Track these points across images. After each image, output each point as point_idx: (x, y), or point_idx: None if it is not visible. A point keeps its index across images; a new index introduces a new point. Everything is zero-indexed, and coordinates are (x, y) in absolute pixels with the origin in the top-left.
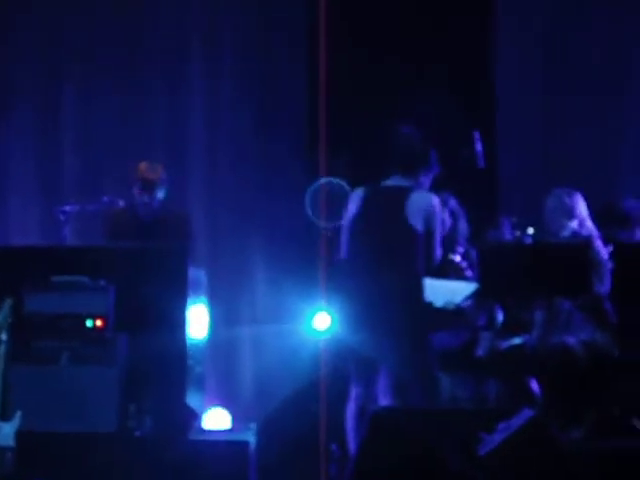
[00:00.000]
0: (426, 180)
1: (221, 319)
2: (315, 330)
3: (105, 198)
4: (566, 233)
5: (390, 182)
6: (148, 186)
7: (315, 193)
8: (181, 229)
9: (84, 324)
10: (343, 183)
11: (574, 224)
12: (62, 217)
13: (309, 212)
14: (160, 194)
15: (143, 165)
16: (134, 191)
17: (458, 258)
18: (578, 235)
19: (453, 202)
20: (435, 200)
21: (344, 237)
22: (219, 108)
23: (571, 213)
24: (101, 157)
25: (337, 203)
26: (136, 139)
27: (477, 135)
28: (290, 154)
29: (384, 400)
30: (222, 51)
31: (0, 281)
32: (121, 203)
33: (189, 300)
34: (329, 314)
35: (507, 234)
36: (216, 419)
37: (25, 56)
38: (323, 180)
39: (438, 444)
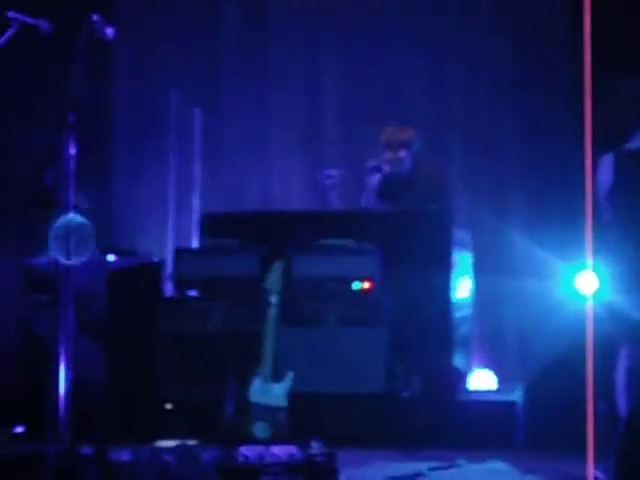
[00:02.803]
0: None
1: (484, 279)
2: (579, 290)
3: (370, 162)
4: None
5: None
6: (391, 146)
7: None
8: (433, 184)
9: (351, 286)
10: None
11: None
12: (328, 181)
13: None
14: (407, 153)
15: (388, 128)
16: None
17: None
18: None
19: None
20: None
21: (604, 206)
22: (477, 70)
23: None
24: (365, 121)
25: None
26: (396, 103)
27: None
28: (550, 105)
29: None
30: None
31: (270, 245)
32: (386, 167)
33: (454, 260)
34: (595, 275)
35: None
36: (482, 380)
37: (285, 27)
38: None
39: None
